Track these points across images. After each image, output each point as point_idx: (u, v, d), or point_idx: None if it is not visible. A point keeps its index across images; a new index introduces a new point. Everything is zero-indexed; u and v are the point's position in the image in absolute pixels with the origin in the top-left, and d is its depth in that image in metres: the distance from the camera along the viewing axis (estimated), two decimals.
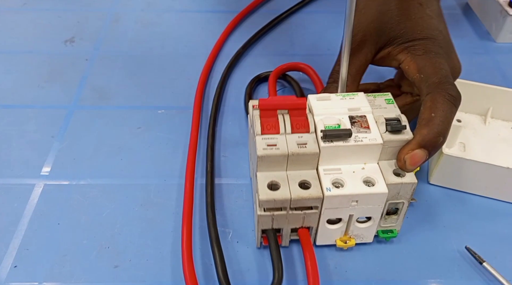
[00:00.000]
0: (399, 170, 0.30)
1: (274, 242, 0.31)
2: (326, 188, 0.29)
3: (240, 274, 0.32)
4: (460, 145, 0.40)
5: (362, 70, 0.36)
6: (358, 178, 0.30)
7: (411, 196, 0.31)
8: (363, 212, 0.31)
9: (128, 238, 0.34)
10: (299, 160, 0.30)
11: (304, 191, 0.29)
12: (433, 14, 0.35)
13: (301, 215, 0.30)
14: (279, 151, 0.30)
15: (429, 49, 0.33)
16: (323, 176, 0.30)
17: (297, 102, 0.32)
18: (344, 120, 0.31)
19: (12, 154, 0.40)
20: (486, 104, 0.42)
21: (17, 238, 0.34)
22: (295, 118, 0.31)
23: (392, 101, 0.33)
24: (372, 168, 0.31)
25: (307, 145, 0.30)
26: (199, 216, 0.36)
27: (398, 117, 0.31)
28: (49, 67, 0.50)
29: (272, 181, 0.30)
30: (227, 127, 0.43)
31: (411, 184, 0.30)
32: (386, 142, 0.30)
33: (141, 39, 0.53)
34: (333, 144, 0.30)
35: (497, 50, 0.52)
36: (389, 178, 0.30)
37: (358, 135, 0.30)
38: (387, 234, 0.33)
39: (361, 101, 0.32)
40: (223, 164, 0.40)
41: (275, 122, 0.31)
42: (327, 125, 0.30)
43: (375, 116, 0.31)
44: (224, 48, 0.52)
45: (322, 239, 0.33)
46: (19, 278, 0.32)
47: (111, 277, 0.32)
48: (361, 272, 0.33)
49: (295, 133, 0.31)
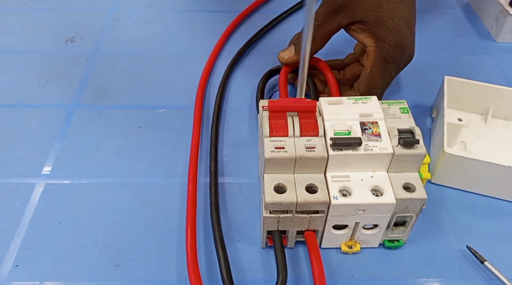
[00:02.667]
0: (410, 184, 0.30)
1: (279, 244, 0.31)
2: (333, 197, 0.29)
3: (243, 273, 0.32)
4: (461, 144, 0.40)
5: (333, 32, 0.39)
6: (366, 186, 0.30)
7: (420, 210, 0.30)
8: (369, 220, 0.31)
9: (129, 237, 0.34)
10: (307, 164, 0.30)
11: (310, 195, 0.29)
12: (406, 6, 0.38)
13: (307, 218, 0.30)
14: (286, 154, 0.29)
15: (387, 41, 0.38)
16: (330, 183, 0.30)
17: (307, 105, 0.31)
18: (355, 126, 0.31)
19: (13, 154, 0.40)
20: (487, 103, 0.42)
21: (18, 237, 0.34)
22: (304, 121, 0.31)
23: (407, 110, 0.32)
24: (381, 176, 0.30)
25: (315, 149, 0.30)
26: (203, 215, 0.35)
27: (412, 129, 0.30)
28: (50, 66, 0.50)
29: (279, 184, 0.30)
30: (229, 126, 0.43)
31: (421, 200, 0.29)
32: (398, 156, 0.29)
33: (141, 39, 0.53)
34: (342, 152, 0.29)
35: (498, 49, 0.52)
36: (398, 193, 0.29)
37: (368, 143, 0.30)
38: (393, 243, 0.33)
39: (374, 107, 0.32)
40: (225, 163, 0.40)
41: (284, 124, 0.31)
42: (337, 131, 0.30)
43: (389, 127, 0.31)
44: (225, 48, 0.52)
45: (327, 242, 0.33)
46: (20, 277, 0.32)
47: (112, 276, 0.32)
48: (363, 271, 0.33)
49: (304, 136, 0.30)
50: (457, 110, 0.43)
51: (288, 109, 0.31)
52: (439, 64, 0.50)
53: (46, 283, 0.32)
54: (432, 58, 0.51)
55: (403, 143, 0.29)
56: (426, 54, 0.51)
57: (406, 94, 0.46)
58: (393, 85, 0.47)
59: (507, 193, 0.37)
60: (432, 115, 0.44)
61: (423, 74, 0.49)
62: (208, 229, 0.34)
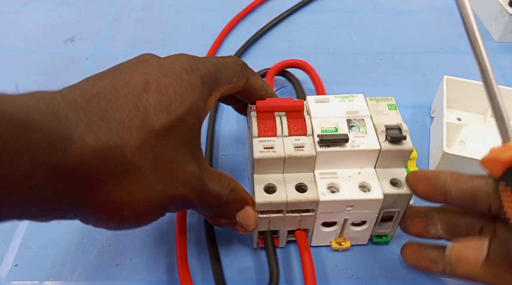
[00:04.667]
0: (397, 180, 0.30)
1: (271, 244, 0.31)
2: (321, 193, 0.29)
3: (238, 273, 0.32)
4: (460, 144, 0.40)
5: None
6: (354, 183, 0.30)
7: (406, 206, 0.30)
8: (358, 217, 0.31)
9: (128, 237, 0.34)
10: (296, 163, 0.30)
11: (300, 194, 0.29)
12: None
13: (298, 217, 0.30)
14: (275, 154, 0.29)
15: None
16: (318, 180, 0.30)
17: (294, 104, 0.31)
18: (342, 124, 0.31)
19: None
20: (486, 103, 0.41)
21: (18, 236, 0.34)
22: (292, 120, 0.31)
23: (395, 107, 0.32)
24: (368, 173, 0.30)
25: (304, 148, 0.30)
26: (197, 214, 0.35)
27: (399, 126, 0.30)
28: (49, 66, 0.50)
29: (268, 184, 0.30)
30: (226, 125, 0.43)
31: (408, 195, 0.29)
32: (385, 152, 0.30)
33: (141, 39, 0.53)
34: (330, 148, 0.30)
35: (497, 49, 0.52)
36: (386, 188, 0.29)
37: (355, 140, 0.30)
38: (381, 238, 0.33)
39: (360, 104, 0.32)
40: (223, 163, 0.40)
41: (272, 124, 0.31)
42: (324, 129, 0.30)
43: (376, 123, 0.31)
44: (223, 48, 0.52)
45: (317, 240, 0.33)
46: (20, 276, 0.32)
47: (111, 276, 0.32)
48: (360, 270, 0.33)
49: (292, 136, 0.30)
50: (456, 110, 0.43)
51: (276, 109, 0.31)
52: (438, 64, 0.50)
53: (45, 282, 0.32)
54: (432, 58, 0.51)
55: (390, 139, 0.30)
56: (426, 54, 0.51)
57: (406, 93, 0.46)
58: (393, 85, 0.47)
59: None
60: (432, 114, 0.44)
61: (423, 74, 0.49)
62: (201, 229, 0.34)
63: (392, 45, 0.53)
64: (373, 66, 0.50)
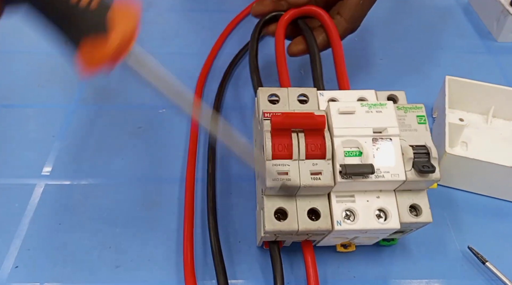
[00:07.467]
0: (416, 205, 0.28)
1: (276, 250, 0.31)
2: (337, 221, 0.27)
3: (241, 273, 0.32)
4: (462, 145, 0.40)
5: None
6: (371, 209, 0.28)
7: (420, 227, 0.29)
8: (370, 238, 0.30)
9: (129, 238, 0.34)
10: (311, 190, 0.28)
11: (313, 223, 0.28)
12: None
13: (307, 236, 0.29)
14: (290, 182, 0.27)
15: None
16: (334, 204, 0.28)
17: (315, 122, 0.27)
18: (367, 145, 0.28)
19: (12, 154, 0.40)
20: (488, 103, 0.42)
21: (18, 238, 0.34)
22: (310, 138, 0.28)
23: (424, 120, 0.29)
24: (387, 198, 0.29)
25: (321, 176, 0.27)
26: (200, 216, 0.35)
27: (428, 150, 0.28)
28: (49, 66, 0.49)
29: (279, 208, 0.28)
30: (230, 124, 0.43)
31: (425, 223, 0.28)
32: (410, 181, 0.28)
33: (141, 39, 0.53)
34: (351, 179, 0.27)
35: (499, 49, 0.52)
36: (404, 216, 0.28)
37: (380, 168, 0.27)
38: (388, 242, 0.33)
39: (389, 118, 0.28)
40: (226, 163, 0.39)
41: (288, 142, 0.27)
42: (347, 151, 0.28)
43: (403, 146, 0.28)
44: (224, 48, 0.52)
45: (323, 243, 0.33)
46: (20, 278, 0.32)
47: (112, 278, 0.32)
48: (364, 271, 0.32)
49: (309, 159, 0.27)
50: (458, 110, 0.43)
51: (293, 126, 0.28)
52: (440, 64, 0.50)
53: (46, 284, 0.32)
54: (433, 58, 0.50)
55: (418, 170, 0.27)
56: (427, 54, 0.51)
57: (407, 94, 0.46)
58: (394, 85, 0.47)
59: (508, 194, 0.37)
60: (433, 115, 0.44)
61: (424, 74, 0.48)
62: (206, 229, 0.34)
63: (393, 45, 0.53)
64: (374, 66, 0.50)
